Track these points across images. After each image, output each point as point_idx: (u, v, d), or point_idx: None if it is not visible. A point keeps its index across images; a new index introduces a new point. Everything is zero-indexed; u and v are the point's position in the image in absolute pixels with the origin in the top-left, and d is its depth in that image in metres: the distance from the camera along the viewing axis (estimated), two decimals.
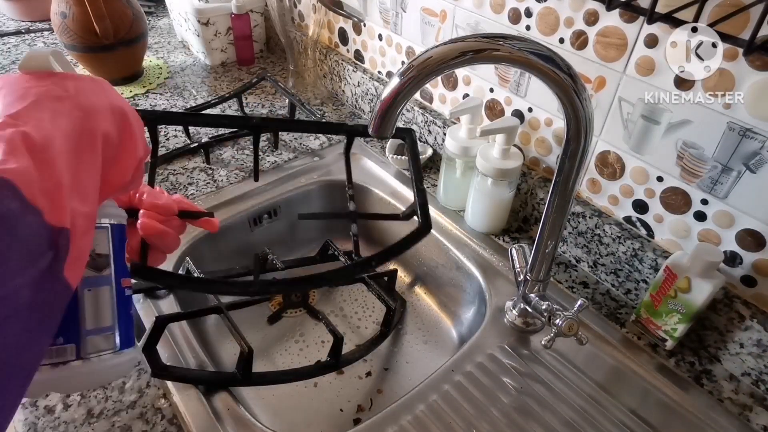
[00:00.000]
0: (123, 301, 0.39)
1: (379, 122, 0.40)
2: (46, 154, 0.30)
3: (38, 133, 0.30)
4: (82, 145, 0.33)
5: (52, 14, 0.96)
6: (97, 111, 0.35)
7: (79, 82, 0.36)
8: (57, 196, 0.30)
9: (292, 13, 1.09)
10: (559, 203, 0.51)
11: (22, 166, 0.28)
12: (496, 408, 0.54)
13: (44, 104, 0.33)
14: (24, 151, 0.29)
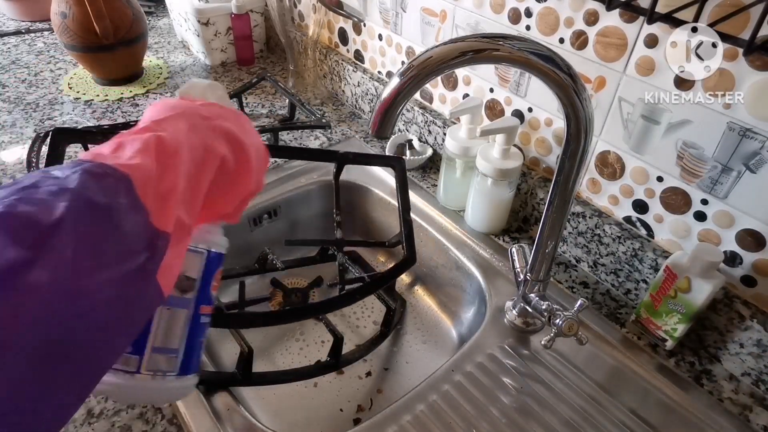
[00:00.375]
0: (196, 328, 0.38)
1: (379, 122, 0.40)
2: (171, 159, 0.31)
3: (172, 138, 0.32)
4: (202, 161, 0.35)
5: (52, 14, 0.96)
6: (226, 139, 0.37)
7: (222, 111, 0.39)
8: (167, 202, 0.30)
9: (292, 13, 1.09)
10: (559, 203, 0.51)
11: (144, 164, 0.29)
12: (496, 408, 0.54)
13: (186, 117, 0.35)
14: (153, 152, 0.31)
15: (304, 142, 0.91)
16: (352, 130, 0.95)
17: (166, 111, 0.36)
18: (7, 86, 1.03)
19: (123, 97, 1.01)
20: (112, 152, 0.30)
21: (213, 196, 0.36)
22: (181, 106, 0.36)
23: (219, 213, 0.39)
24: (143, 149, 0.30)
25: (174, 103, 0.37)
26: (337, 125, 0.96)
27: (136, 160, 0.29)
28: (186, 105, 0.37)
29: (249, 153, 0.39)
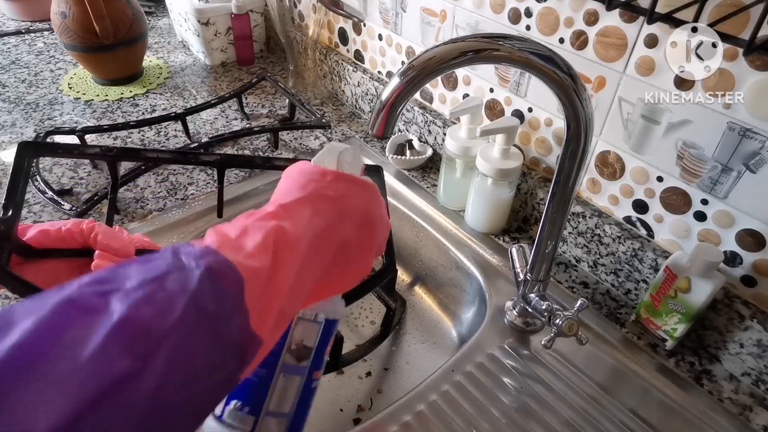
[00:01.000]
0: (307, 394, 0.39)
1: (380, 122, 0.40)
2: (288, 253, 0.31)
3: (293, 230, 0.32)
4: (321, 248, 0.34)
5: (52, 14, 0.96)
6: (350, 219, 0.37)
7: (350, 186, 0.38)
8: (271, 303, 0.30)
9: (292, 13, 1.09)
10: (559, 203, 0.51)
11: (261, 266, 0.29)
12: (496, 408, 0.54)
13: (311, 201, 0.35)
14: (271, 249, 0.31)
15: (304, 143, 0.91)
16: (352, 130, 0.95)
17: (296, 190, 0.35)
18: (7, 86, 1.03)
19: (123, 97, 1.01)
20: (236, 239, 0.30)
21: (330, 277, 0.36)
22: (310, 186, 0.36)
23: (330, 293, 0.38)
24: (263, 245, 0.30)
25: (305, 181, 0.36)
26: (337, 125, 0.96)
27: (254, 260, 0.29)
28: (314, 185, 0.36)
29: (373, 232, 0.39)
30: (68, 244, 0.47)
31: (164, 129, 0.91)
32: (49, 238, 0.46)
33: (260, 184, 0.80)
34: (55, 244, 0.46)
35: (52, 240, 0.46)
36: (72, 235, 0.46)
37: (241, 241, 0.30)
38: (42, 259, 0.46)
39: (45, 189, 0.75)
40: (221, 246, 0.29)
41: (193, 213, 0.74)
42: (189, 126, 0.90)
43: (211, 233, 0.31)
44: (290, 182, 0.37)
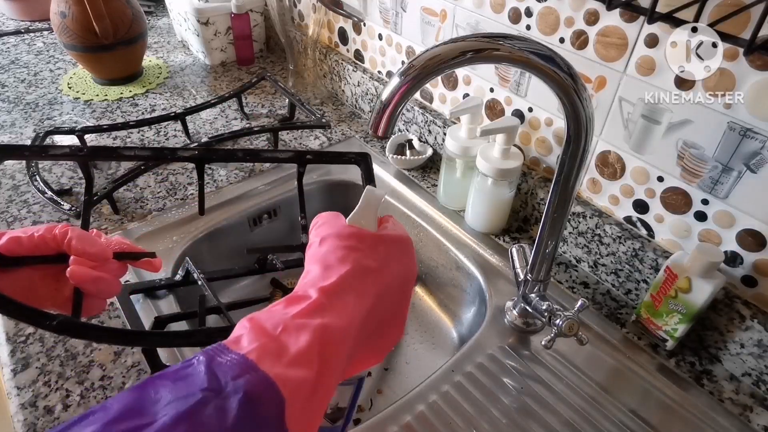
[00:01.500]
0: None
1: (380, 122, 0.40)
2: (334, 357, 0.30)
3: (339, 324, 0.31)
4: (363, 332, 0.33)
5: (52, 14, 0.96)
6: (392, 290, 0.36)
7: (390, 248, 0.37)
8: (313, 420, 0.29)
9: (292, 13, 1.09)
10: (559, 203, 0.50)
11: (304, 381, 0.28)
12: (496, 408, 0.54)
13: (354, 280, 0.33)
14: (316, 355, 0.29)
15: (304, 142, 0.91)
16: (352, 130, 0.95)
17: (336, 265, 0.33)
18: (7, 86, 1.02)
19: (122, 97, 1.01)
20: (277, 341, 0.28)
21: (366, 353, 0.35)
22: (350, 258, 0.34)
23: (370, 364, 0.37)
24: (308, 351, 0.28)
25: (343, 247, 0.34)
26: (337, 125, 0.96)
27: (298, 370, 0.27)
28: (354, 255, 0.34)
29: (409, 293, 0.38)
30: (42, 250, 0.44)
31: (164, 129, 0.91)
32: (22, 245, 0.43)
33: (260, 184, 0.80)
34: (28, 251, 0.44)
35: (24, 248, 0.43)
36: (45, 241, 0.44)
37: (282, 343, 0.28)
38: (15, 267, 0.43)
39: (44, 189, 0.74)
40: (261, 356, 0.27)
41: (193, 213, 0.74)
42: (189, 126, 0.90)
43: (248, 332, 0.29)
44: (327, 250, 0.35)
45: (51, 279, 0.45)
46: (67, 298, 0.45)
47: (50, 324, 0.41)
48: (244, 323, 0.30)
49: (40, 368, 0.54)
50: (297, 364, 0.27)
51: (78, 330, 0.42)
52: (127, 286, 0.61)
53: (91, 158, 0.55)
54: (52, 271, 0.45)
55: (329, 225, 0.37)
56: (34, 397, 0.51)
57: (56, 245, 0.44)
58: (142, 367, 0.55)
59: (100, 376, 0.54)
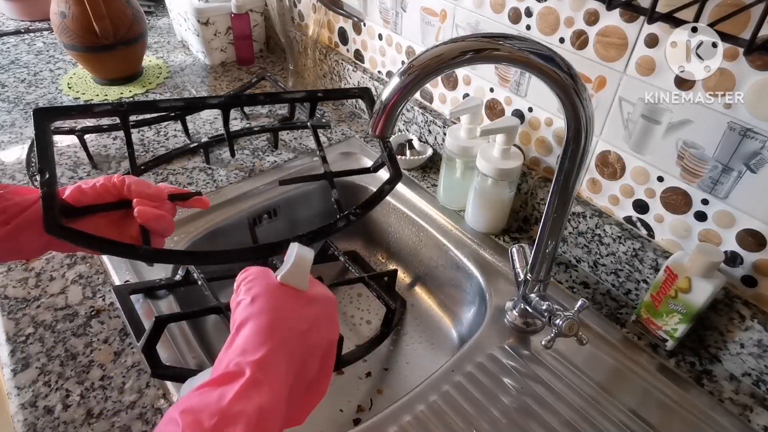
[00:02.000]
0: None
1: (380, 123, 0.40)
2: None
3: (273, 405, 0.30)
4: (291, 395, 0.33)
5: (52, 14, 0.96)
6: (318, 351, 0.36)
7: (319, 309, 0.37)
8: None
9: (292, 13, 1.09)
10: (559, 203, 0.50)
11: None
12: (496, 408, 0.54)
13: (285, 346, 0.33)
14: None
15: (304, 142, 0.91)
16: (352, 130, 0.95)
17: (267, 332, 0.33)
18: (7, 86, 1.02)
19: (122, 97, 1.01)
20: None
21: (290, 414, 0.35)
22: (283, 326, 0.34)
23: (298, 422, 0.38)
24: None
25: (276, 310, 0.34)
26: (337, 125, 0.96)
27: None
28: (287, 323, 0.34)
29: (334, 352, 0.38)
30: (105, 198, 0.48)
31: (164, 129, 0.91)
32: (86, 195, 0.48)
33: (260, 184, 0.80)
34: (92, 200, 0.48)
35: (89, 197, 0.48)
36: (106, 189, 0.48)
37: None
38: (83, 216, 0.48)
39: None
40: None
41: (192, 213, 0.74)
42: (188, 126, 0.90)
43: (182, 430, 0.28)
44: (259, 311, 0.34)
45: (115, 224, 0.50)
46: (131, 239, 0.50)
47: (140, 252, 0.49)
48: (177, 418, 0.29)
49: (40, 368, 0.54)
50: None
51: (162, 255, 0.51)
52: (128, 286, 0.61)
53: (131, 112, 0.61)
54: (115, 217, 0.50)
55: (260, 282, 0.37)
56: (34, 397, 0.51)
57: (117, 192, 0.49)
58: (141, 367, 0.55)
59: (100, 376, 0.54)
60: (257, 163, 0.85)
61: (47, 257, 0.66)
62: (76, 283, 0.63)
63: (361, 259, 0.81)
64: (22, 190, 0.47)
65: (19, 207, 0.45)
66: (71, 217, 0.47)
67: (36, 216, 0.45)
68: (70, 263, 0.65)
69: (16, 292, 0.62)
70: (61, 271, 0.64)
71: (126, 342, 0.57)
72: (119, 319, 0.59)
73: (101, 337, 0.57)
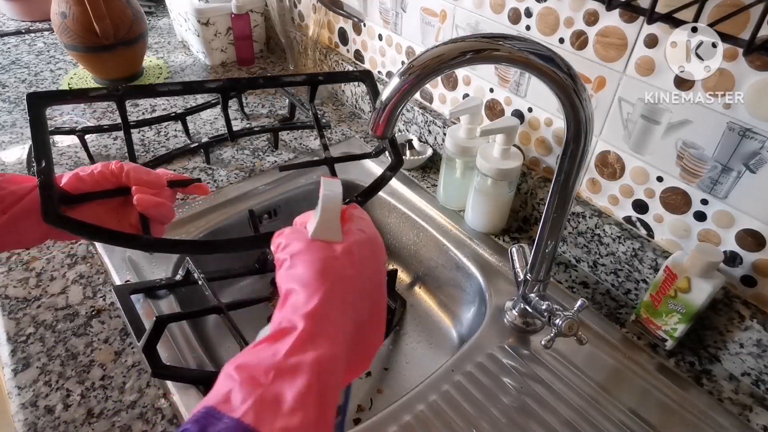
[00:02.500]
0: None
1: (380, 123, 0.40)
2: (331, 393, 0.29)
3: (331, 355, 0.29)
4: (350, 344, 0.32)
5: (52, 14, 0.96)
6: (370, 294, 0.35)
7: (362, 251, 0.35)
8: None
9: (292, 13, 1.09)
10: (559, 203, 0.51)
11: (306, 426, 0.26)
12: (496, 408, 0.54)
13: (337, 293, 0.32)
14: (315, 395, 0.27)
15: (304, 142, 0.91)
16: (352, 130, 0.95)
17: (315, 283, 0.32)
18: (7, 86, 1.03)
19: None
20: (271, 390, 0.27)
21: (352, 363, 0.34)
22: (328, 273, 0.32)
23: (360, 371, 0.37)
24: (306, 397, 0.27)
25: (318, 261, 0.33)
26: (337, 125, 0.96)
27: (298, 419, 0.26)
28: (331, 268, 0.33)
29: (384, 298, 0.37)
30: (103, 186, 0.48)
31: (164, 129, 0.91)
32: (84, 182, 0.47)
33: (260, 184, 0.80)
34: (90, 188, 0.47)
35: (87, 184, 0.47)
36: (105, 176, 0.48)
37: (277, 393, 0.27)
38: (81, 204, 0.47)
39: None
40: (258, 416, 0.26)
41: (193, 213, 0.74)
42: (189, 126, 0.90)
43: (239, 386, 0.27)
44: (302, 269, 0.33)
45: (113, 212, 0.49)
46: (130, 227, 0.50)
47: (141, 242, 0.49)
48: (232, 374, 0.28)
49: (40, 368, 0.54)
50: (297, 411, 0.26)
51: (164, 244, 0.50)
52: (128, 286, 0.62)
53: (127, 97, 0.60)
54: (113, 204, 0.49)
55: (295, 241, 0.35)
56: (35, 397, 0.51)
57: (115, 179, 0.48)
58: (142, 367, 0.55)
59: (101, 375, 0.54)
60: (257, 163, 0.85)
61: (47, 257, 0.66)
62: (77, 282, 0.63)
63: None
64: (17, 178, 0.47)
65: (16, 195, 0.45)
66: (69, 205, 0.47)
67: (34, 204, 0.45)
68: (70, 263, 0.66)
69: (17, 291, 0.62)
70: (61, 270, 0.65)
71: (126, 342, 0.57)
72: (120, 318, 0.59)
73: (102, 336, 0.58)
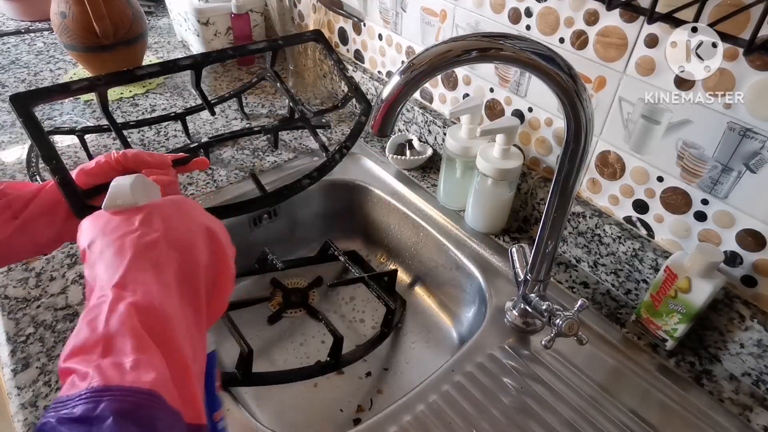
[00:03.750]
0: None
1: (380, 121, 0.40)
2: (167, 333, 0.29)
3: (149, 301, 0.29)
4: (190, 292, 0.32)
5: (52, 14, 0.96)
6: (192, 244, 0.34)
7: (164, 212, 0.35)
8: (188, 384, 0.28)
9: (292, 13, 1.09)
10: (559, 203, 0.50)
11: (159, 369, 0.27)
12: (496, 408, 0.54)
13: (143, 260, 0.31)
14: (149, 341, 0.27)
15: (304, 142, 0.91)
16: None
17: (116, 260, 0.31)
18: (7, 86, 1.03)
19: (123, 97, 1.01)
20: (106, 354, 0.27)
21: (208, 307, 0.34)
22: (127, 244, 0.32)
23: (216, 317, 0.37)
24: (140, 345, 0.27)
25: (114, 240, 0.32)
26: (337, 125, 0.96)
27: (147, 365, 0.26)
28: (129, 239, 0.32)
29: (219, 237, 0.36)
30: (111, 176, 0.48)
31: (164, 129, 0.91)
32: (92, 176, 0.47)
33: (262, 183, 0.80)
34: (99, 180, 0.48)
35: (94, 177, 0.47)
36: (111, 166, 0.48)
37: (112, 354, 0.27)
38: (97, 196, 0.47)
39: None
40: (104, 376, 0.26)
41: None
42: (189, 126, 0.90)
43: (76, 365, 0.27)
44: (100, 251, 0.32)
45: None
46: None
47: None
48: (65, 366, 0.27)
49: (40, 368, 0.54)
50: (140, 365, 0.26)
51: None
52: None
53: (109, 86, 0.61)
54: None
55: (90, 226, 0.35)
56: (35, 397, 0.51)
57: (121, 167, 0.48)
58: None
59: None
60: (257, 162, 0.85)
61: (47, 257, 0.66)
62: (77, 282, 0.63)
63: (361, 259, 0.81)
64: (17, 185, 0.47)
65: (23, 200, 0.45)
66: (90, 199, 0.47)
67: (44, 206, 0.45)
68: (70, 263, 0.66)
69: (17, 292, 0.62)
70: (61, 270, 0.65)
71: None
72: None
73: None
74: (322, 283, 0.79)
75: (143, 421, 0.25)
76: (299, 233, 0.84)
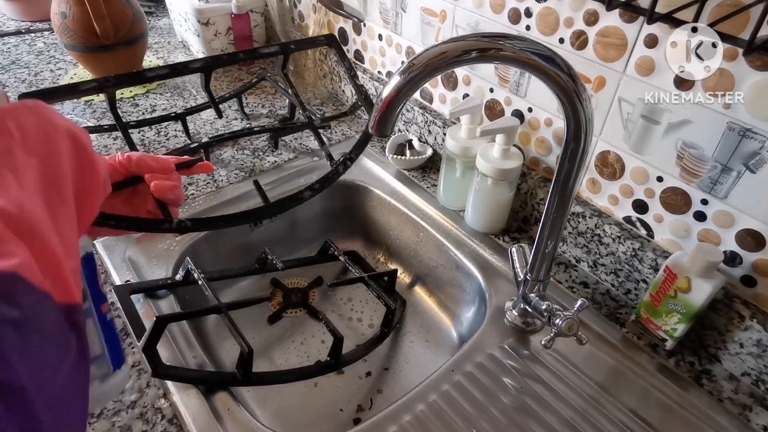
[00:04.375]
0: (107, 327, 0.39)
1: (380, 120, 0.40)
2: (29, 226, 0.27)
3: (12, 204, 0.27)
4: (55, 191, 0.31)
5: (52, 14, 0.96)
6: (53, 149, 0.33)
7: (18, 117, 0.32)
8: (58, 271, 0.28)
9: (292, 13, 1.09)
10: (559, 203, 0.51)
11: (22, 256, 0.26)
12: (496, 408, 0.54)
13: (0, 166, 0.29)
14: (12, 236, 0.26)
15: (304, 142, 0.91)
16: (352, 130, 0.95)
17: None
18: (7, 86, 1.03)
19: (123, 97, 1.01)
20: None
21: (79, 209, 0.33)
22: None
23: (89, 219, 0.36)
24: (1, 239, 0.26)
25: None
26: (337, 125, 0.96)
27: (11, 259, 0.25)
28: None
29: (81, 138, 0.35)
30: (114, 178, 0.48)
31: (164, 129, 0.91)
32: None
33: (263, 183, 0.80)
34: None
35: None
36: (114, 168, 0.48)
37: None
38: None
39: None
40: None
41: (193, 213, 0.74)
42: (189, 126, 0.90)
43: None
44: None
45: (127, 202, 0.51)
46: (148, 214, 0.52)
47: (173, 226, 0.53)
48: None
49: None
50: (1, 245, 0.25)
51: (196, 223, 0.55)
52: (128, 286, 0.62)
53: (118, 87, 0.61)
54: (126, 194, 0.51)
55: None
56: None
57: (124, 170, 0.48)
58: (142, 367, 0.55)
59: None
60: (257, 163, 0.85)
61: None
62: None
63: (361, 259, 0.81)
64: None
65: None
66: None
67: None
68: None
69: None
70: None
71: (126, 342, 0.57)
72: (120, 319, 0.59)
73: None
74: (322, 283, 0.79)
75: (7, 298, 0.24)
76: (299, 233, 0.84)
